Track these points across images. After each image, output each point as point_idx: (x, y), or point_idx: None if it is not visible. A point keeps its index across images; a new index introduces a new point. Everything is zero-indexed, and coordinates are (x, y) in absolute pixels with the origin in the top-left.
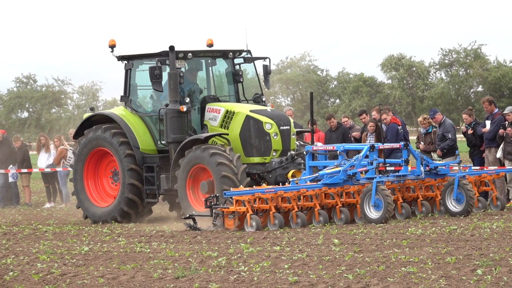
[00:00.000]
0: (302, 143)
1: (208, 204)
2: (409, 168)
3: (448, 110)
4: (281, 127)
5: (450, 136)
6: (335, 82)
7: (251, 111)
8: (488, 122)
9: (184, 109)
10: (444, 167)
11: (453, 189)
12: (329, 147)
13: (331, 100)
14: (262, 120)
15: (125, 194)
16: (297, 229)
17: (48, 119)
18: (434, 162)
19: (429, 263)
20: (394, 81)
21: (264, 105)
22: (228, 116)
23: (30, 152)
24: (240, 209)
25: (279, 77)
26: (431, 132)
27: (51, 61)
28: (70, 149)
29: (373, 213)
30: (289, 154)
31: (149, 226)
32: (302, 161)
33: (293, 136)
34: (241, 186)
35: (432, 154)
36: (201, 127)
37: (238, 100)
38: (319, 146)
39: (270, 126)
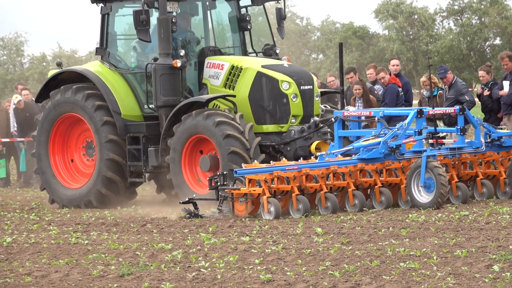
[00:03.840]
0: (329, 107)
1: (212, 184)
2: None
3: (458, 68)
4: (301, 87)
5: (467, 98)
6: (318, 34)
7: (263, 66)
8: (506, 83)
9: (178, 64)
10: (509, 137)
11: None
12: (365, 112)
13: (313, 55)
14: (277, 78)
15: (103, 172)
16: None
17: None
18: (498, 131)
19: (434, 258)
20: (392, 32)
21: (278, 59)
22: (234, 73)
23: None
24: (254, 190)
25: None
26: (437, 95)
27: None
28: None
29: (422, 196)
30: (312, 121)
31: (87, 212)
32: (329, 130)
33: (317, 99)
34: (255, 161)
35: (438, 122)
36: (198, 87)
37: (245, 53)
38: (351, 110)
39: (287, 86)
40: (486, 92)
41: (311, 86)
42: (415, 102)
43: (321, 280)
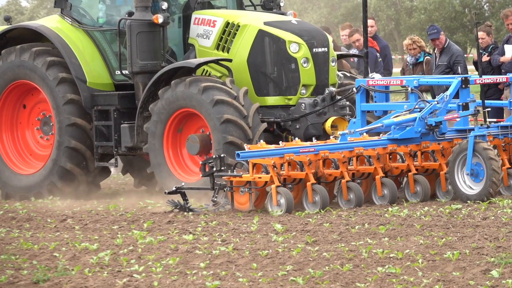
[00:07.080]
0: (348, 74)
1: (207, 170)
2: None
3: (450, 28)
4: (314, 49)
5: (460, 71)
6: None
7: (265, 23)
8: (509, 48)
9: (160, 20)
10: None
11: None
12: (395, 80)
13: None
14: (284, 38)
15: (61, 162)
16: (220, 209)
17: None
18: None
19: (419, 261)
20: None
21: (283, 14)
22: (229, 31)
23: None
24: (260, 178)
25: None
26: (423, 62)
27: None
28: None
29: (468, 186)
30: (327, 91)
31: None
32: (348, 103)
33: (333, 64)
34: (261, 141)
35: (425, 95)
36: (183, 48)
37: (240, 6)
38: (377, 78)
39: (297, 48)
40: (485, 58)
41: (325, 49)
42: (395, 70)
43: None
